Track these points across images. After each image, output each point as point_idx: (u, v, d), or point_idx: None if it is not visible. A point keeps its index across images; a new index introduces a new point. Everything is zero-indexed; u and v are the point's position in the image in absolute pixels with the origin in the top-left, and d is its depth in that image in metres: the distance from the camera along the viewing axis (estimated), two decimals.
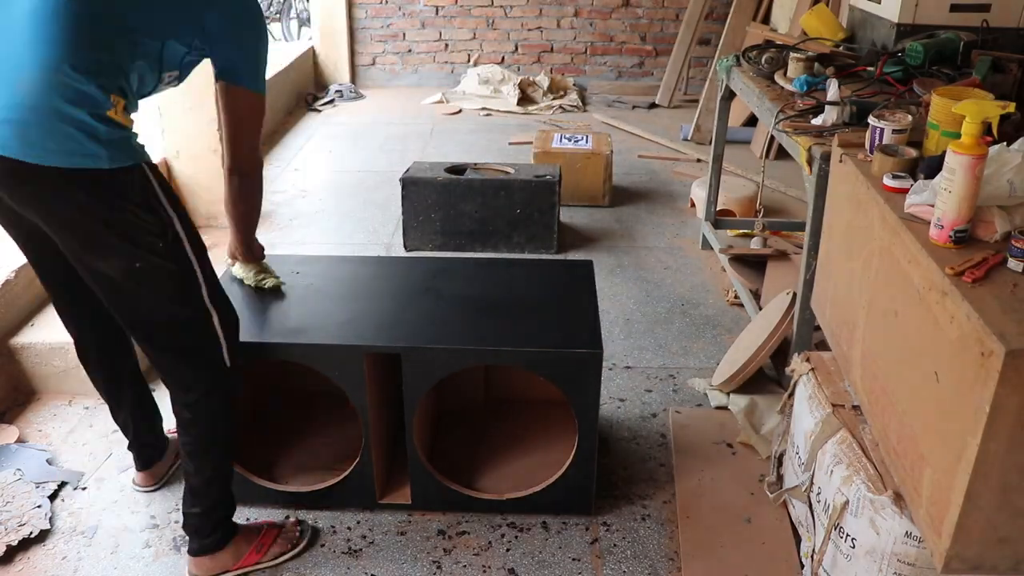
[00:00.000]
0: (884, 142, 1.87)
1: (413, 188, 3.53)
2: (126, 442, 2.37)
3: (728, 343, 2.83)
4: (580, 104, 6.07)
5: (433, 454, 2.23)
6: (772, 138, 2.71)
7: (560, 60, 6.48)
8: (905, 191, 1.67)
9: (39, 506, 2.09)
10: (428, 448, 2.20)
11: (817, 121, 2.37)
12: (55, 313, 2.64)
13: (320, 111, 5.90)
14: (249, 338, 1.95)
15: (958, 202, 1.47)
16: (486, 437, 2.33)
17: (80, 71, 1.47)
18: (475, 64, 6.49)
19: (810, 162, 2.23)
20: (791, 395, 2.06)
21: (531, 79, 6.23)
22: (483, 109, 5.93)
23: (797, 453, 1.93)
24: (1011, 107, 1.58)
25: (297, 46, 6.73)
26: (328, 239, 3.80)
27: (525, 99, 6.06)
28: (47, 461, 2.27)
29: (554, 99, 6.11)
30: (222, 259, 3.52)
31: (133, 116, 1.65)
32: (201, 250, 1.76)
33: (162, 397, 2.04)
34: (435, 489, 2.07)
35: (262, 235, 3.84)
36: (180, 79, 1.76)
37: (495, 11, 6.36)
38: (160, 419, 2.20)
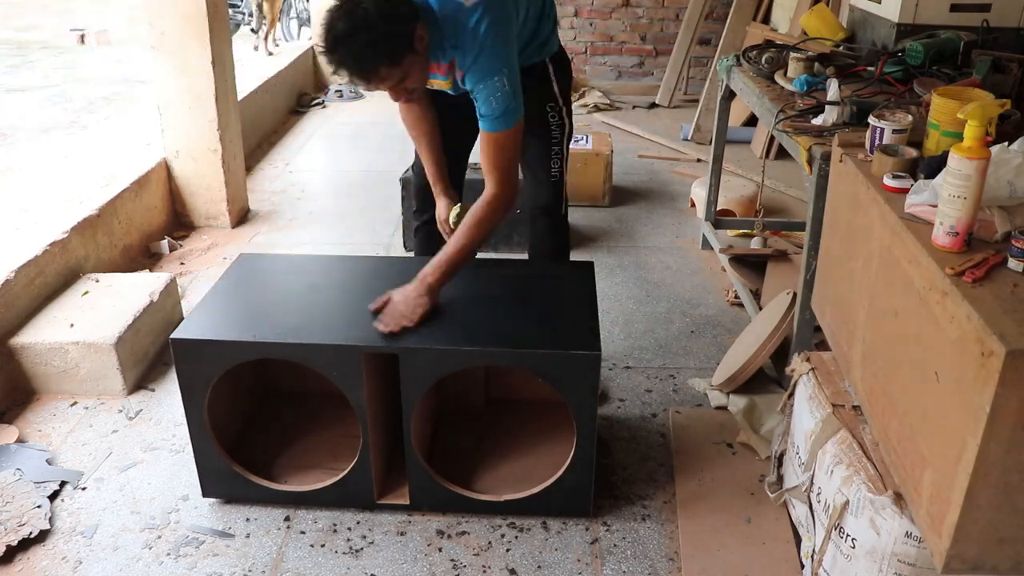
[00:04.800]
0: (884, 142, 1.87)
1: None
2: (125, 441, 2.38)
3: (728, 343, 2.83)
4: (610, 102, 6.04)
5: (432, 455, 2.22)
6: (772, 138, 2.71)
7: None
8: (905, 191, 1.67)
9: (39, 506, 2.09)
10: (427, 449, 2.20)
11: (817, 121, 2.37)
12: (55, 313, 2.66)
13: (304, 112, 5.89)
14: (247, 337, 1.95)
15: (973, 206, 1.46)
16: (486, 438, 2.32)
17: None
18: None
19: (810, 162, 2.23)
20: (791, 395, 2.06)
21: None
22: None
23: (797, 453, 1.93)
24: (1008, 104, 1.58)
25: (297, 46, 6.74)
26: (328, 239, 3.80)
27: None
28: (47, 461, 2.27)
29: (578, 98, 6.08)
30: (219, 258, 3.53)
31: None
32: None
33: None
34: (433, 490, 2.07)
35: (263, 235, 3.87)
36: None
37: None
38: None
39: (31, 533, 2.01)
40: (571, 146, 4.07)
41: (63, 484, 2.20)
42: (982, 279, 1.38)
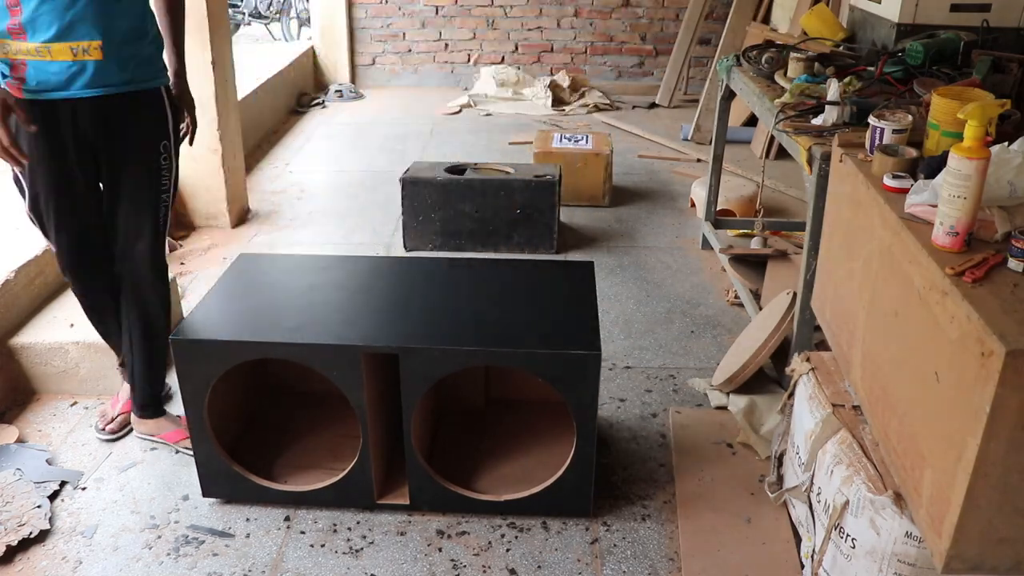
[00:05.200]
0: (884, 142, 1.87)
1: (413, 188, 3.53)
2: (125, 441, 2.38)
3: (728, 343, 2.83)
4: (610, 102, 6.06)
5: (432, 454, 2.22)
6: (772, 138, 2.71)
7: (560, 60, 6.48)
8: (905, 191, 1.67)
9: (39, 506, 2.09)
10: (427, 449, 2.20)
11: (817, 121, 2.37)
12: (55, 313, 2.66)
13: (304, 112, 5.89)
14: (247, 337, 1.95)
15: (973, 206, 1.46)
16: (486, 438, 2.32)
17: None
18: (475, 63, 6.49)
19: (810, 162, 2.23)
20: (791, 395, 2.06)
21: (555, 80, 6.21)
22: (516, 114, 5.86)
23: (797, 453, 1.93)
24: (1008, 104, 1.58)
25: (297, 46, 6.73)
26: (328, 239, 3.80)
27: (556, 100, 6.03)
28: (47, 461, 2.27)
29: (578, 98, 6.09)
30: (219, 258, 3.53)
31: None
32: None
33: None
34: (433, 490, 2.07)
35: (263, 235, 3.87)
36: None
37: (495, 11, 6.36)
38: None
39: (31, 533, 2.01)
40: (572, 146, 4.14)
41: (63, 484, 2.20)
42: (982, 279, 1.38)
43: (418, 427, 2.04)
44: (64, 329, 2.58)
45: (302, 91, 6.17)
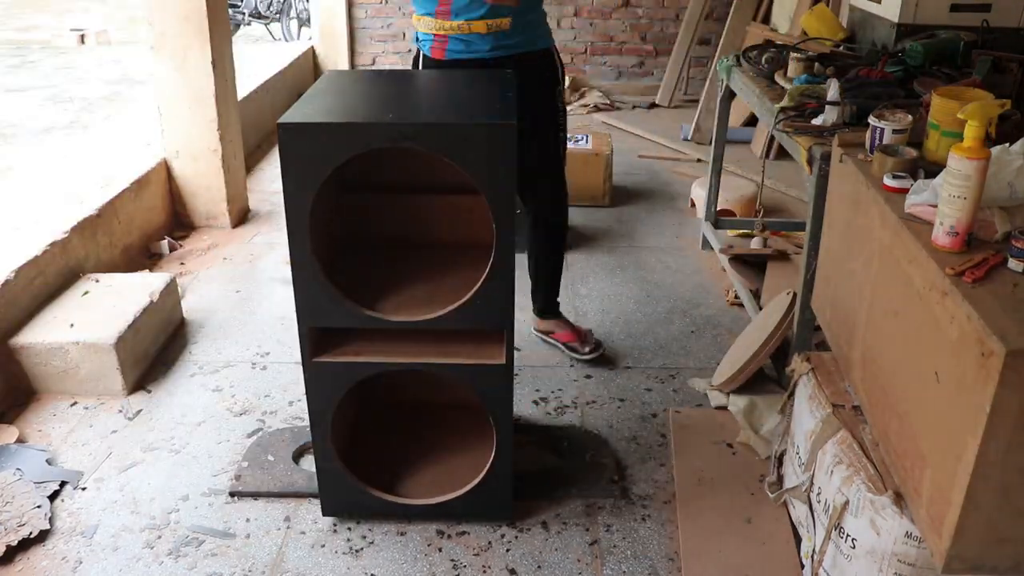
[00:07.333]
0: (884, 142, 1.87)
1: None
2: (125, 441, 2.38)
3: (728, 343, 2.83)
4: (610, 102, 6.06)
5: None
6: (772, 138, 2.71)
7: None
8: (905, 191, 1.67)
9: (39, 506, 2.09)
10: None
11: (817, 121, 2.37)
12: (55, 313, 2.66)
13: None
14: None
15: (973, 206, 1.46)
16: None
17: None
18: None
19: (810, 162, 2.23)
20: (791, 395, 2.06)
21: None
22: None
23: (797, 453, 1.93)
24: (1008, 104, 1.58)
25: (297, 46, 6.73)
26: None
27: None
28: (47, 461, 2.27)
29: (578, 98, 6.09)
30: (219, 258, 3.53)
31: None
32: None
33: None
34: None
35: (263, 235, 3.86)
36: None
37: None
38: None
39: (31, 533, 2.00)
40: (572, 146, 4.13)
41: (63, 484, 2.20)
42: (982, 279, 1.38)
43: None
44: (64, 329, 2.58)
45: (302, 91, 6.16)
